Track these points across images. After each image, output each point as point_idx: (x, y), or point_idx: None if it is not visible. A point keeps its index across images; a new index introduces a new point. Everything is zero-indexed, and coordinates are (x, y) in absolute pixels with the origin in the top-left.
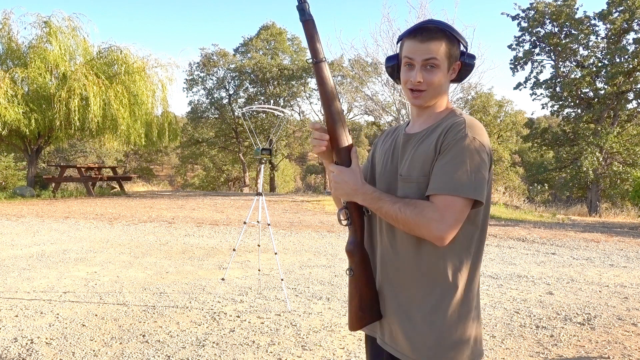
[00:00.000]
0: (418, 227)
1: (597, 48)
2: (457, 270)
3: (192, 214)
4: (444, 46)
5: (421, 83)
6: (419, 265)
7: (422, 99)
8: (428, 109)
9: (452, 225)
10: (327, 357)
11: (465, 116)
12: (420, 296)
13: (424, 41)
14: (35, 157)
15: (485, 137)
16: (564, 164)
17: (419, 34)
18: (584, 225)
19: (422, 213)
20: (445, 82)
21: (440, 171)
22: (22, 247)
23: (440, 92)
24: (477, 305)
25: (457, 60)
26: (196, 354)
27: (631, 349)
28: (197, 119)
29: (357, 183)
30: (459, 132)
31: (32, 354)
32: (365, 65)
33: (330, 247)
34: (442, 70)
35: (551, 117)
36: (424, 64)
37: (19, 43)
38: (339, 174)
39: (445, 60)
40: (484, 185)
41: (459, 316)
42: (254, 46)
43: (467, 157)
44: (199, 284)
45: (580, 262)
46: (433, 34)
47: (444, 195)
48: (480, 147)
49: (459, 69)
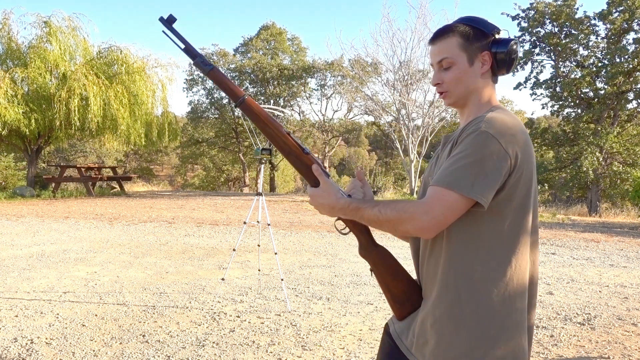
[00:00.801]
0: (401, 223)
1: (597, 48)
2: (470, 280)
3: (192, 214)
4: (455, 41)
5: (440, 85)
6: (436, 267)
7: (447, 99)
8: (466, 109)
9: (438, 218)
10: (327, 357)
11: (494, 112)
12: (433, 302)
13: (435, 44)
14: (35, 157)
15: (504, 133)
16: (564, 164)
17: (432, 38)
18: (584, 225)
19: (404, 209)
20: (468, 77)
21: (445, 164)
22: (22, 247)
23: (468, 88)
24: (505, 326)
25: (483, 50)
26: (196, 354)
27: (631, 349)
28: (197, 119)
29: (331, 201)
30: (473, 126)
31: (32, 354)
32: (365, 65)
33: (330, 247)
34: (460, 66)
35: (551, 117)
36: (440, 66)
37: (19, 43)
38: (312, 197)
39: (461, 55)
40: (487, 185)
41: (469, 331)
42: (254, 46)
43: (474, 152)
44: (199, 284)
45: (580, 262)
46: (441, 34)
47: (438, 187)
48: (493, 144)
49: (492, 59)
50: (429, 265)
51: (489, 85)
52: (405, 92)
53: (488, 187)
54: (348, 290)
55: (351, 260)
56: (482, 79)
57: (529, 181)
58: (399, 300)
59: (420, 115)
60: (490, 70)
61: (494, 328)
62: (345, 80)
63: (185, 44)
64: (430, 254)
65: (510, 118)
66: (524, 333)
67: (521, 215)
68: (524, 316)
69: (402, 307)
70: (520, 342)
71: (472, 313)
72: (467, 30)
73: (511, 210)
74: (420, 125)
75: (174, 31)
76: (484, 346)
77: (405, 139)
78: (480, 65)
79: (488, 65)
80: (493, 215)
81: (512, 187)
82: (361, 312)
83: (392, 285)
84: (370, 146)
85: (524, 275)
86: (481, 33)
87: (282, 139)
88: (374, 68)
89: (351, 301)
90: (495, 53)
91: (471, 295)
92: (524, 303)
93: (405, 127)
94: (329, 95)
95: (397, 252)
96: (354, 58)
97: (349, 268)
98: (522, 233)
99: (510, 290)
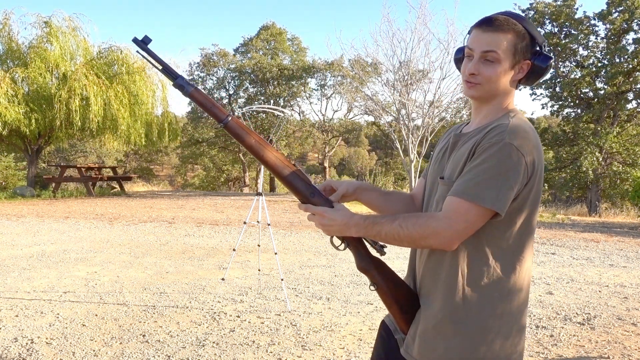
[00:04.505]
0: (423, 238)
1: (597, 48)
2: (474, 283)
3: (192, 214)
4: (509, 40)
5: (475, 75)
6: (437, 266)
7: (475, 90)
8: (485, 107)
9: (461, 231)
10: (327, 357)
11: (515, 119)
12: (435, 303)
13: (487, 31)
14: (35, 157)
15: (526, 144)
16: (563, 164)
17: (485, 23)
18: (583, 225)
19: (427, 223)
20: (505, 79)
21: (466, 174)
22: (23, 247)
23: (498, 89)
24: (502, 331)
25: (527, 59)
26: (196, 353)
27: (631, 348)
28: (197, 119)
29: (345, 216)
30: (497, 136)
31: (32, 353)
32: (365, 65)
33: (330, 247)
34: (503, 66)
35: (551, 117)
36: (483, 56)
37: (19, 43)
38: (323, 215)
39: (509, 56)
40: (509, 197)
41: (469, 332)
42: (254, 46)
43: (498, 165)
44: (199, 284)
45: (580, 262)
46: (499, 25)
47: (461, 200)
48: (515, 155)
49: (528, 69)
50: (428, 263)
51: (513, 91)
52: (405, 92)
53: (509, 199)
54: (348, 290)
55: (351, 260)
56: (511, 85)
57: (539, 186)
58: (404, 308)
59: (420, 115)
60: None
61: (496, 330)
62: (345, 80)
63: (163, 65)
64: (431, 250)
65: (527, 124)
66: (524, 333)
67: (528, 220)
68: (525, 317)
69: (408, 317)
70: (521, 343)
71: (476, 315)
72: (524, 33)
73: (522, 216)
74: (420, 125)
75: (150, 52)
76: (486, 348)
77: (405, 139)
78: (517, 72)
79: (523, 74)
80: (503, 220)
81: (525, 195)
82: (361, 312)
83: (397, 294)
84: (370, 146)
85: (526, 277)
86: (533, 41)
87: (275, 163)
88: (374, 68)
89: (351, 301)
90: (534, 65)
91: (476, 298)
92: (525, 304)
93: (405, 127)
94: (329, 95)
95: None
96: (354, 58)
97: (349, 268)
98: (527, 236)
99: (513, 292)
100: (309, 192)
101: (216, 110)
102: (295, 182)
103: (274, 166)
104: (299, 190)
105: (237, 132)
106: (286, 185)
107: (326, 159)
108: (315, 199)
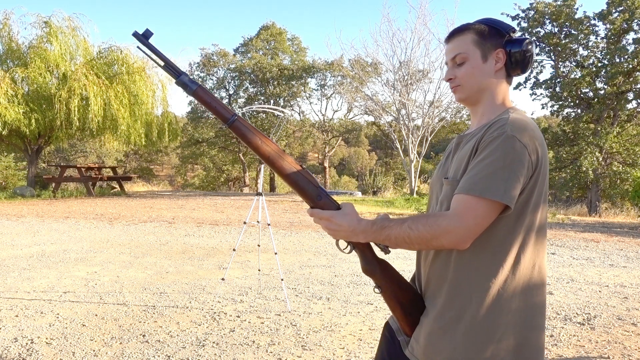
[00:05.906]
0: (435, 238)
1: (597, 48)
2: (481, 283)
3: (192, 214)
4: (469, 37)
5: (453, 79)
6: (444, 267)
7: (459, 92)
8: (479, 107)
9: (472, 228)
10: (327, 357)
11: (514, 114)
12: (442, 303)
13: (449, 42)
14: (35, 157)
15: (528, 136)
16: (563, 164)
17: (447, 38)
18: (583, 225)
19: (437, 223)
20: (482, 71)
21: (471, 170)
22: (22, 247)
23: (481, 82)
24: (511, 330)
25: (498, 48)
26: (196, 353)
27: (631, 348)
28: (197, 119)
29: (352, 222)
30: (498, 129)
31: (32, 353)
32: (365, 65)
33: (330, 247)
34: (473, 61)
35: (551, 117)
36: (453, 62)
37: (19, 43)
38: (331, 219)
39: (475, 50)
40: (517, 189)
41: (476, 332)
42: (254, 46)
43: (502, 157)
44: (199, 284)
45: (580, 262)
46: (456, 31)
47: (469, 196)
48: (519, 147)
49: (506, 57)
50: (434, 264)
51: (503, 84)
52: (405, 92)
53: (517, 191)
54: (348, 290)
55: (351, 260)
56: (495, 77)
57: (544, 179)
58: (408, 311)
59: (420, 115)
60: (504, 70)
61: (503, 329)
62: (345, 80)
63: (165, 61)
64: (437, 252)
65: (528, 119)
66: (538, 332)
67: (536, 215)
68: (539, 316)
69: (412, 320)
70: (533, 342)
71: (483, 315)
72: (483, 28)
73: (528, 211)
74: (420, 125)
75: (151, 47)
76: (494, 347)
77: (405, 139)
78: (494, 63)
79: (502, 63)
80: (510, 217)
81: (531, 188)
82: (361, 312)
83: (402, 296)
84: (370, 146)
85: (537, 275)
86: (497, 31)
87: (283, 166)
88: (374, 68)
89: (351, 301)
90: (510, 52)
91: (483, 297)
92: (540, 303)
93: (405, 127)
94: (329, 95)
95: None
96: (354, 58)
97: (349, 268)
98: (537, 232)
99: (523, 291)
100: (315, 194)
101: (221, 109)
102: (301, 183)
103: (280, 168)
104: (305, 192)
105: (242, 133)
106: (292, 186)
107: (326, 159)
108: (322, 201)
